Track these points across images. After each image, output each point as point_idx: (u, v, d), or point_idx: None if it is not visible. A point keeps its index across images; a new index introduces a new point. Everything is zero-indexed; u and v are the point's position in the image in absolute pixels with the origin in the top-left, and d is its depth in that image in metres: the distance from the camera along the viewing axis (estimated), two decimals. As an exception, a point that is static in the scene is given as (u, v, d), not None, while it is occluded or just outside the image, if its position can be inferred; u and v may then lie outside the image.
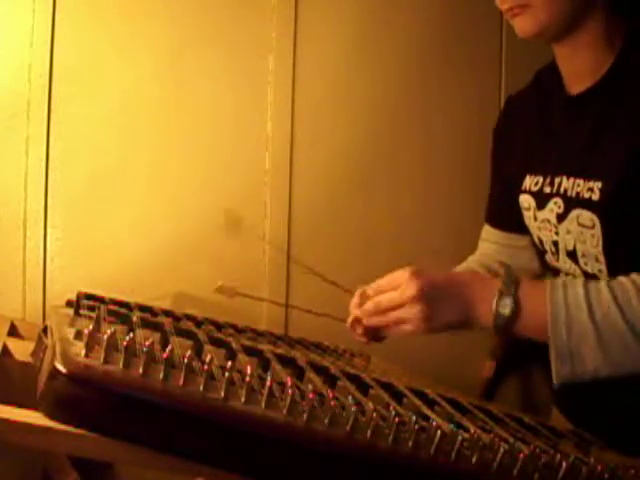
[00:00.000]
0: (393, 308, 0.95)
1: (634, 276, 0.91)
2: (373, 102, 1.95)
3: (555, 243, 1.08)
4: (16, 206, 1.71)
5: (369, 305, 0.99)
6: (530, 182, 1.12)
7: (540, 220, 1.10)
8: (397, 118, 1.97)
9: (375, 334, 1.05)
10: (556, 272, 1.14)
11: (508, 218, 1.23)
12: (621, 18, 1.02)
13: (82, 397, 0.70)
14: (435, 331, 0.96)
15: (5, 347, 1.09)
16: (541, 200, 1.09)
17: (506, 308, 0.91)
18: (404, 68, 1.97)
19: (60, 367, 0.70)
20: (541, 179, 1.10)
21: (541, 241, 1.12)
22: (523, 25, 1.00)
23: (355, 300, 1.07)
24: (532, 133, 1.15)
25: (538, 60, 2.02)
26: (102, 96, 1.77)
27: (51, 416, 0.70)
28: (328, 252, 1.91)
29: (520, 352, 1.97)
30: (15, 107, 1.71)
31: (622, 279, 0.92)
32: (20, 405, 0.73)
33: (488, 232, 1.31)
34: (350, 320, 1.08)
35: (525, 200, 1.13)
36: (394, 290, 0.95)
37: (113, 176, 1.78)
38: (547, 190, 1.08)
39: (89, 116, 1.76)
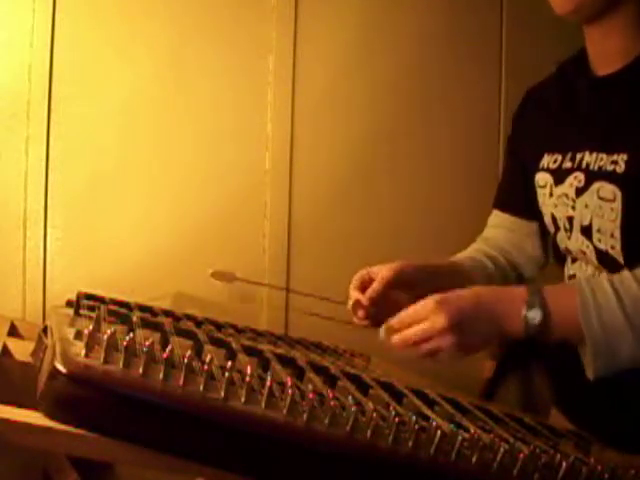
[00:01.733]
0: (427, 340, 0.94)
1: None
2: (373, 102, 1.95)
3: (570, 219, 1.08)
4: (16, 206, 1.71)
5: (396, 340, 0.97)
6: (548, 160, 1.13)
7: (557, 196, 1.11)
8: (397, 117, 1.97)
9: (376, 318, 1.05)
10: (563, 257, 1.15)
11: (518, 201, 1.25)
12: None
13: (82, 397, 0.70)
14: (473, 351, 0.96)
15: (5, 347, 1.09)
16: (560, 176, 1.10)
17: (536, 318, 0.92)
18: (404, 67, 1.97)
19: (60, 367, 0.70)
20: (560, 157, 1.11)
21: (555, 219, 1.13)
22: (562, 2, 1.02)
23: (355, 283, 1.09)
24: (552, 116, 1.17)
25: (538, 57, 2.03)
26: (102, 96, 1.77)
27: (51, 416, 0.70)
28: (328, 252, 1.91)
29: (520, 352, 1.97)
30: (15, 107, 1.71)
31: None
32: (20, 405, 0.73)
33: (496, 216, 1.31)
34: (351, 303, 1.09)
35: (542, 178, 1.14)
36: (421, 322, 0.94)
37: (113, 176, 1.78)
38: (567, 166, 1.09)
39: (89, 116, 1.76)
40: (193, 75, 1.83)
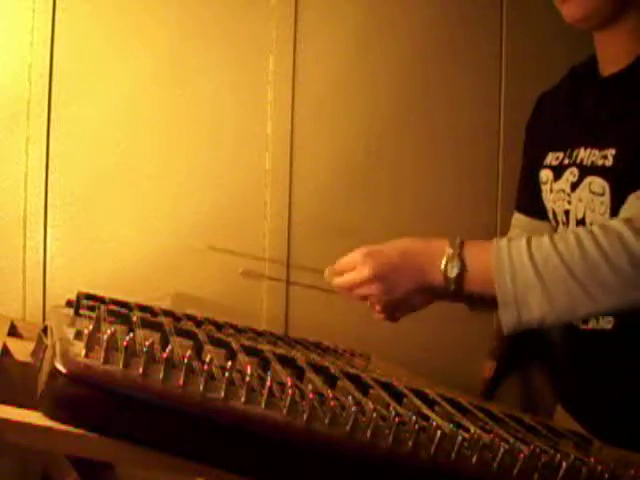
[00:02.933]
0: (355, 287, 1.03)
1: (578, 229, 0.95)
2: (373, 102, 1.95)
3: (567, 212, 1.12)
4: (16, 206, 1.71)
5: (334, 283, 1.06)
6: (551, 158, 1.18)
7: (555, 191, 1.15)
8: (398, 117, 1.97)
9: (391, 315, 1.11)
10: None
11: (531, 202, 1.28)
12: None
13: (82, 397, 0.70)
14: (398, 301, 1.03)
15: (5, 347, 1.09)
16: (559, 172, 1.14)
17: (453, 271, 0.96)
18: (404, 67, 1.97)
19: (60, 367, 0.70)
20: (562, 154, 1.15)
21: (555, 213, 1.17)
22: (572, 11, 1.06)
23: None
24: (560, 117, 1.21)
25: (538, 57, 2.03)
26: (102, 96, 1.77)
27: (51, 416, 0.70)
28: (328, 252, 1.91)
29: (520, 352, 1.97)
30: (15, 107, 1.71)
31: (566, 231, 0.99)
32: (20, 405, 0.73)
33: (515, 218, 1.35)
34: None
35: (544, 174, 1.19)
36: (352, 270, 1.03)
37: (113, 176, 1.78)
38: (565, 162, 1.13)
39: (89, 116, 1.76)
40: (193, 74, 1.83)
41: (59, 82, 1.73)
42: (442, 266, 0.96)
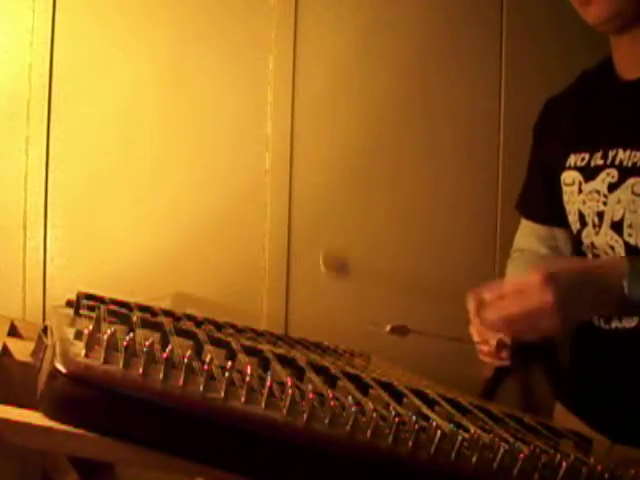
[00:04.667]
0: (526, 319, 0.92)
1: None
2: (373, 101, 1.95)
3: (600, 214, 1.10)
4: (16, 206, 1.71)
5: (491, 315, 0.95)
6: (575, 159, 1.16)
7: (586, 192, 1.13)
8: (397, 117, 1.97)
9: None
10: (582, 254, 1.16)
11: (543, 208, 1.28)
12: None
13: (82, 397, 0.70)
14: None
15: (5, 347, 1.09)
16: (590, 173, 1.13)
17: (637, 287, 0.91)
18: (404, 67, 1.97)
19: (60, 367, 0.70)
20: (588, 155, 1.14)
21: (582, 215, 1.15)
22: (596, 13, 1.05)
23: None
24: (576, 120, 1.20)
25: (538, 56, 2.03)
26: (102, 96, 1.77)
27: (51, 416, 0.70)
28: (328, 252, 1.91)
29: (520, 352, 1.97)
30: (15, 107, 1.71)
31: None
32: (20, 405, 0.73)
33: (526, 226, 1.34)
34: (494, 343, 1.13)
35: (569, 176, 1.17)
36: (522, 295, 0.91)
37: (113, 176, 1.78)
38: (599, 163, 1.11)
39: (89, 116, 1.76)
40: (193, 75, 1.83)
41: (59, 82, 1.73)
42: (625, 287, 0.91)
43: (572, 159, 1.17)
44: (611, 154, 1.10)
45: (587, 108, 1.19)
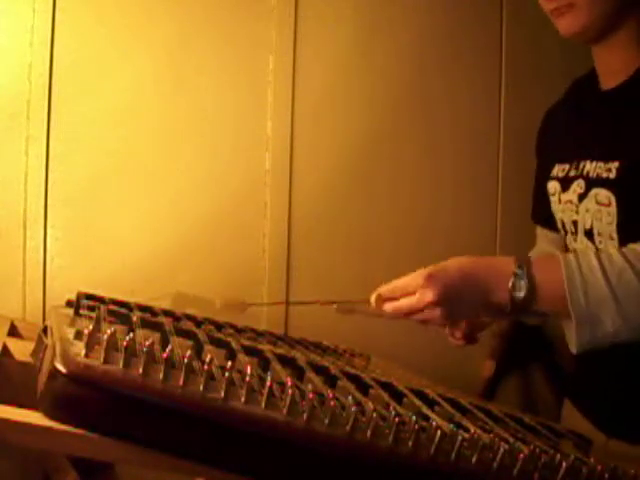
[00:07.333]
0: (415, 312, 0.98)
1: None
2: (373, 102, 1.95)
3: (575, 223, 1.14)
4: (16, 206, 1.71)
5: (388, 308, 1.01)
6: (558, 170, 1.20)
7: (564, 202, 1.17)
8: (398, 117, 1.97)
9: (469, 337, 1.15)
10: None
11: (544, 214, 1.31)
12: None
13: (82, 397, 0.70)
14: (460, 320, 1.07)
15: (5, 347, 1.09)
16: (566, 183, 1.16)
17: (522, 290, 0.94)
18: (404, 67, 1.97)
19: (60, 367, 0.70)
20: (567, 166, 1.17)
21: (563, 223, 1.19)
22: (567, 24, 1.07)
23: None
24: (566, 130, 1.23)
25: (538, 56, 2.03)
26: (102, 96, 1.77)
27: (51, 416, 0.70)
28: (328, 252, 1.91)
29: (520, 352, 1.97)
30: (15, 107, 1.71)
31: (631, 245, 0.96)
32: (20, 405, 0.73)
33: (537, 230, 1.39)
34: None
35: (552, 186, 1.21)
36: (410, 294, 0.98)
37: (113, 176, 1.78)
38: (572, 174, 1.15)
39: (89, 116, 1.76)
40: (193, 75, 1.83)
41: (59, 82, 1.73)
42: (509, 286, 0.94)
43: (555, 169, 1.21)
44: (582, 165, 1.13)
45: (572, 118, 1.22)
